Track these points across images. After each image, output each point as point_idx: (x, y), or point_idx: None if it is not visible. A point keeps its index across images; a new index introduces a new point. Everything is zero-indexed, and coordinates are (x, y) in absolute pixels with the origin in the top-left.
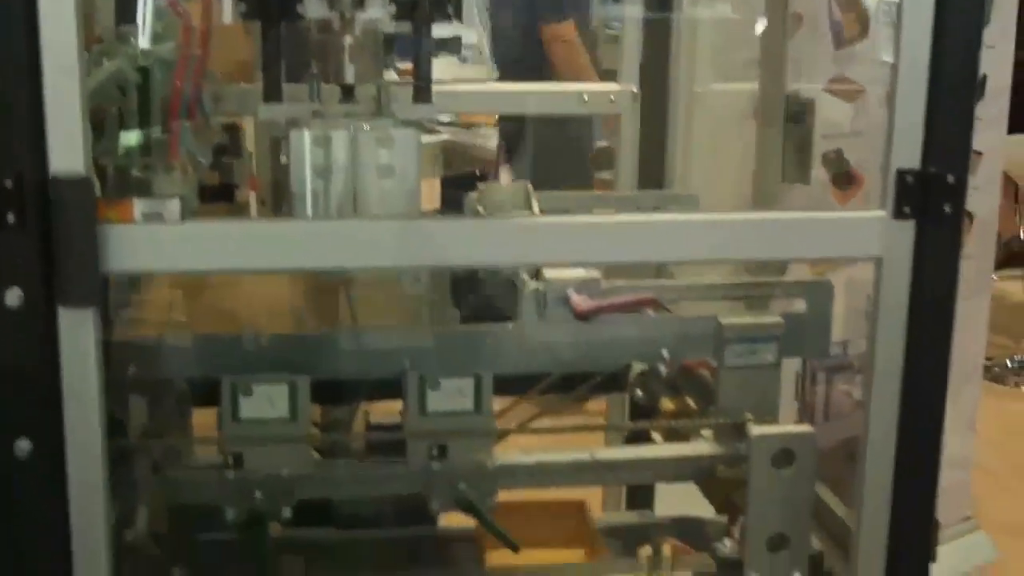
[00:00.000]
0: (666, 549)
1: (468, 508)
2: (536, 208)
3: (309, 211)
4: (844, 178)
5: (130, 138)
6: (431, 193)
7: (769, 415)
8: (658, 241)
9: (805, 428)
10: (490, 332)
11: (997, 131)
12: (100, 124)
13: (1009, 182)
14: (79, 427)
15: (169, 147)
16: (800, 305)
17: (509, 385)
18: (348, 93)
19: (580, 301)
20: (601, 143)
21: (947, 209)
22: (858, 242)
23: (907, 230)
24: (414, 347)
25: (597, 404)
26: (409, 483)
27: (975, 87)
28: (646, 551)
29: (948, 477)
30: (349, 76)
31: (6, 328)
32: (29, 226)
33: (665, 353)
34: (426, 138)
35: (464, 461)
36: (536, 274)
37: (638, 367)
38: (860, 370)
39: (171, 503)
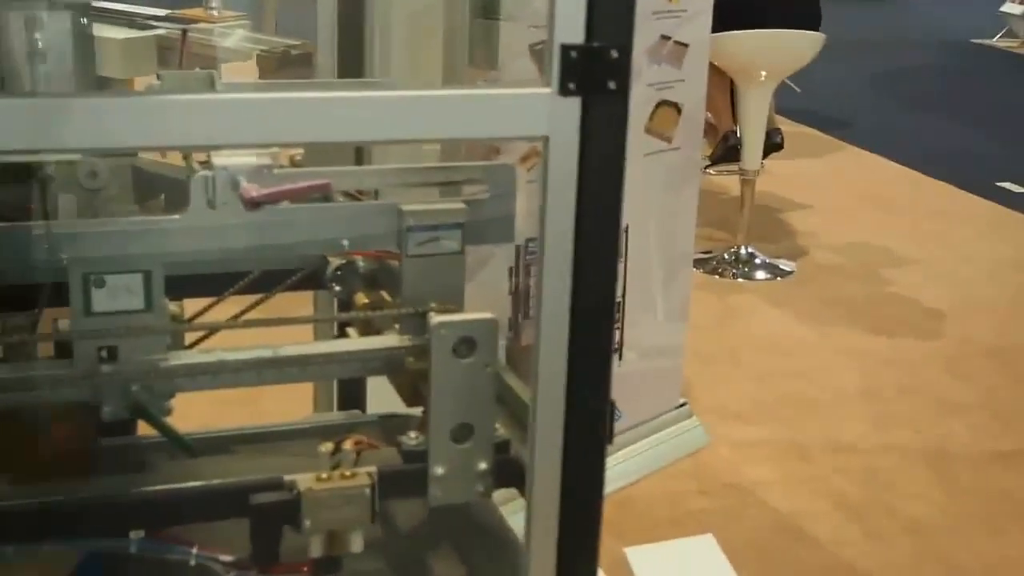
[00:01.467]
0: (347, 444)
1: (139, 412)
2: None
3: None
4: None
5: None
6: None
7: (455, 304)
8: (308, 120)
9: (486, 315)
10: (157, 224)
11: (702, 22)
12: None
13: (725, 78)
14: None
15: None
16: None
17: (208, 285)
18: None
19: (250, 188)
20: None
21: (612, 85)
22: (525, 121)
23: (573, 107)
24: (74, 241)
25: (305, 301)
26: (78, 388)
27: None
28: (327, 447)
29: (660, 365)
30: None
31: None
32: None
33: (344, 242)
34: (138, 33)
35: (136, 363)
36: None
37: (335, 261)
38: None
39: None
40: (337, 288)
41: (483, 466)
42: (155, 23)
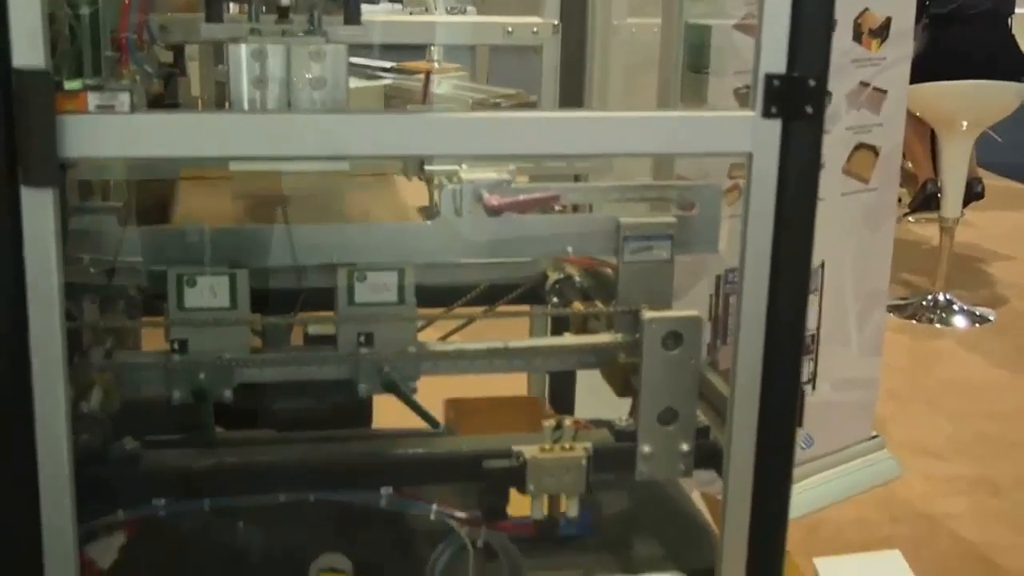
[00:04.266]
0: (567, 422)
1: (392, 388)
2: None
3: None
4: None
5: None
6: None
7: (664, 306)
8: (546, 135)
9: (692, 312)
10: (412, 228)
11: (901, 70)
12: (52, 44)
13: (926, 127)
14: (41, 300)
15: (119, 62)
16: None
17: (438, 298)
18: (284, 14)
19: (491, 198)
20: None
21: (809, 110)
22: (732, 139)
23: (774, 128)
24: (343, 242)
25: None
26: (339, 368)
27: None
28: (549, 424)
29: (853, 397)
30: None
31: None
32: None
33: (568, 248)
34: (369, 83)
35: (388, 347)
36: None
37: (553, 276)
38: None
39: (123, 386)
40: (555, 299)
41: (685, 447)
42: (383, 74)
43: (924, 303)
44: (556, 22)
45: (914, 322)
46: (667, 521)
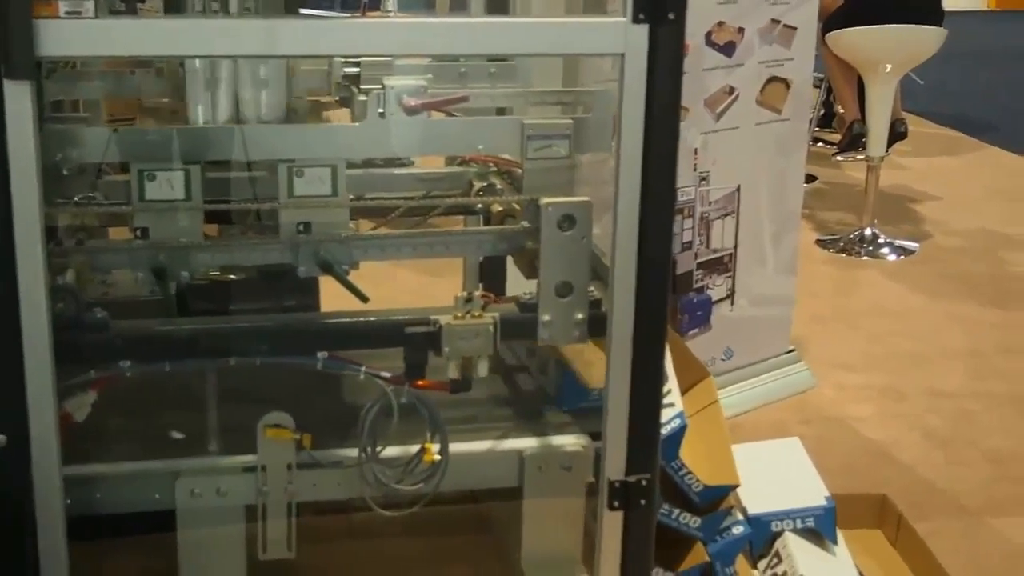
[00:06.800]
0: (476, 294)
1: (327, 269)
2: None
3: None
4: None
5: None
6: None
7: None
8: (437, 38)
9: (584, 198)
10: (342, 128)
11: (810, 8)
12: None
13: (853, 71)
14: (22, 179)
15: None
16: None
17: (376, 211)
18: None
19: (409, 100)
20: None
21: (672, 16)
22: (607, 42)
23: (642, 32)
24: (283, 140)
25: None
26: (281, 252)
27: None
28: (462, 295)
29: (770, 312)
30: None
31: None
32: None
33: (480, 147)
34: None
35: (323, 234)
36: None
37: (478, 184)
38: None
39: (94, 268)
40: (479, 205)
41: (579, 316)
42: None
43: (852, 237)
44: None
45: (843, 255)
46: None
